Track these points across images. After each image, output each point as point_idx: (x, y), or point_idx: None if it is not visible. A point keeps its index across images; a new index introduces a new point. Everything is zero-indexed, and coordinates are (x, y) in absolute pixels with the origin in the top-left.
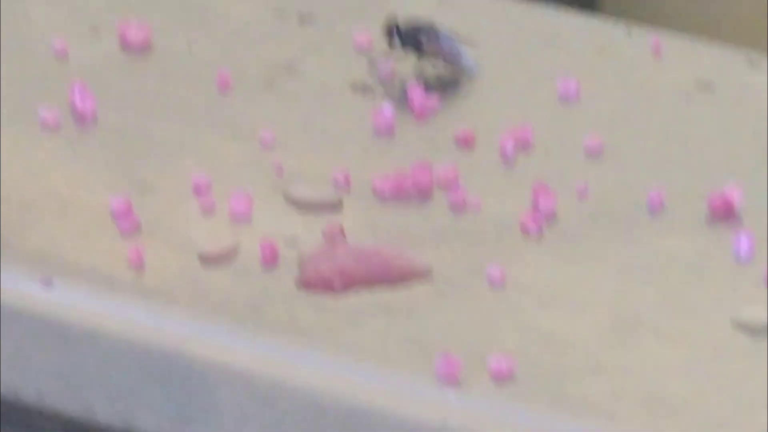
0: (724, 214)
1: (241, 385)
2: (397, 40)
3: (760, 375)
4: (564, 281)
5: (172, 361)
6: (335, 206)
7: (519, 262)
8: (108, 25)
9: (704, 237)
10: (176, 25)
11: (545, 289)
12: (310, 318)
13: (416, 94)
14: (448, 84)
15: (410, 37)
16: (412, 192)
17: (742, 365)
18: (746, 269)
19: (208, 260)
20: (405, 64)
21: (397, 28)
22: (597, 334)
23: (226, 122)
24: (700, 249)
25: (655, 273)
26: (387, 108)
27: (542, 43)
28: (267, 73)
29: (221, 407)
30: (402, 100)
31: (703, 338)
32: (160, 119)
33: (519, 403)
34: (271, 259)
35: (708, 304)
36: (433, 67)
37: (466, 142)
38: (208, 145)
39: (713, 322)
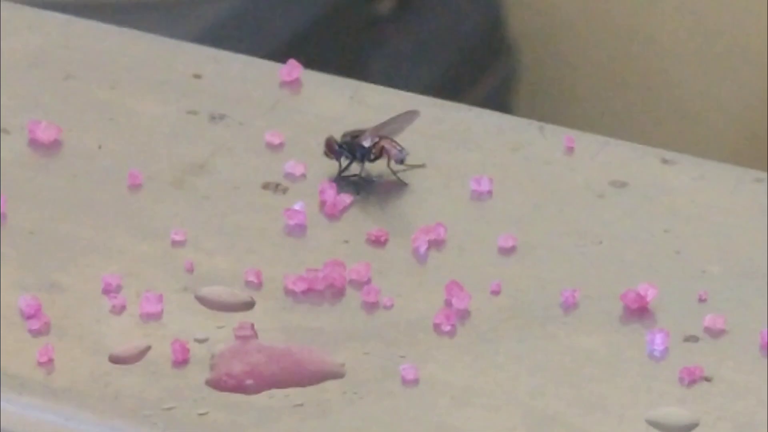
0: (638, 312)
1: None
2: (338, 150)
3: None
4: (478, 380)
5: None
6: (247, 306)
7: (432, 361)
8: (17, 124)
9: (618, 335)
10: (86, 124)
11: (459, 387)
12: (221, 418)
13: (328, 194)
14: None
15: (350, 145)
16: (324, 291)
17: None
18: (660, 367)
19: (118, 360)
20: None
21: (336, 141)
22: None
23: (136, 221)
24: (614, 347)
25: (569, 371)
26: (299, 207)
27: (455, 141)
28: (178, 172)
29: None
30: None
31: None
32: (70, 218)
33: None
34: (182, 358)
35: (623, 402)
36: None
37: (378, 241)
38: (119, 245)
39: (628, 421)
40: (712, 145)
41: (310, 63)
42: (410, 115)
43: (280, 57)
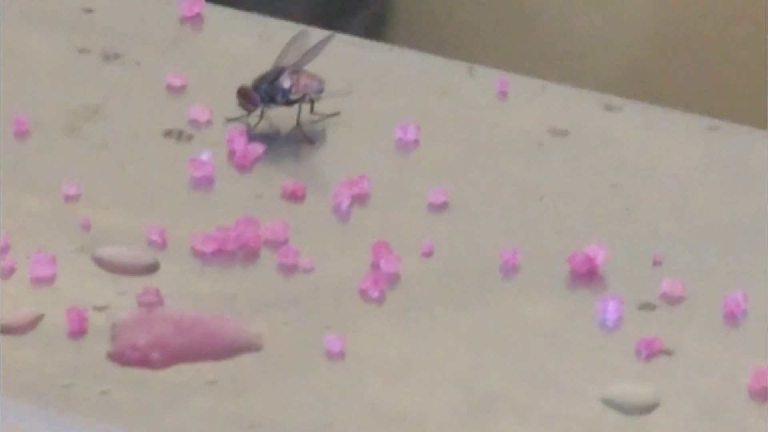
0: (587, 276)
1: None
2: (258, 98)
3: None
4: (411, 352)
5: None
6: (150, 268)
7: (360, 331)
8: None
9: (566, 302)
10: None
11: (391, 361)
12: (125, 396)
13: (238, 143)
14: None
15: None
16: (236, 252)
17: None
18: (614, 339)
19: (8, 330)
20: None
21: (255, 87)
22: (451, 413)
23: (24, 173)
24: (561, 315)
25: (512, 343)
26: (206, 157)
27: (375, 84)
28: (69, 118)
29: None
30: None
31: (569, 417)
32: None
33: None
34: (79, 328)
35: (573, 377)
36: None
37: (295, 196)
38: (5, 199)
39: (580, 399)
40: (588, 80)
41: None
42: (323, 41)
43: None
